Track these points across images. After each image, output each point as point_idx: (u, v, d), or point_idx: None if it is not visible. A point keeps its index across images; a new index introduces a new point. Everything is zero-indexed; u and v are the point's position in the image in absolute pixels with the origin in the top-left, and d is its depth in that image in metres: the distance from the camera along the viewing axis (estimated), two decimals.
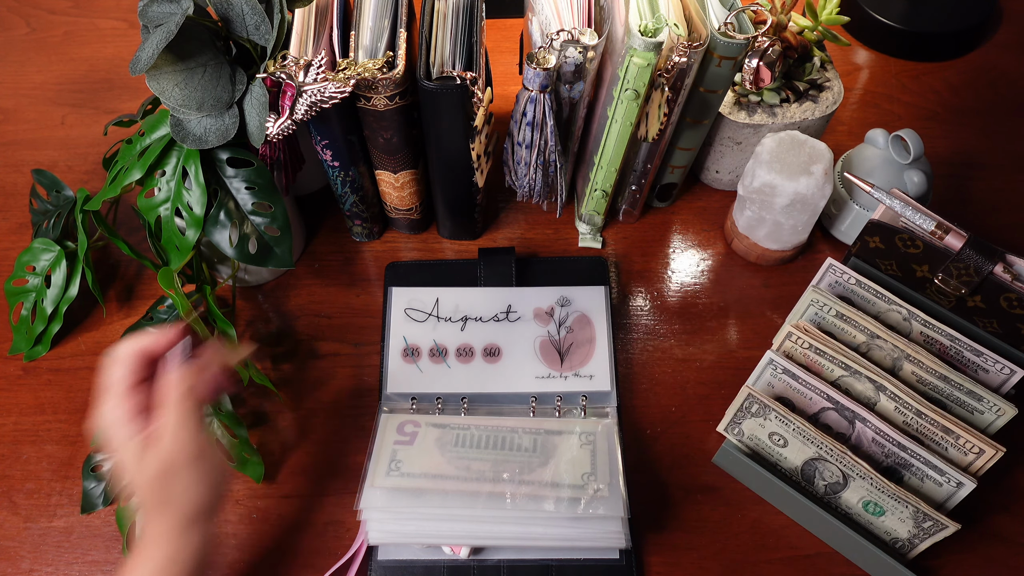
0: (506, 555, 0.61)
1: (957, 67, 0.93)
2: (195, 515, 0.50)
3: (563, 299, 0.72)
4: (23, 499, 0.65)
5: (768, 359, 0.60)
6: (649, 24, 0.57)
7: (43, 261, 0.71)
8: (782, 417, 0.59)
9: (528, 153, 0.64)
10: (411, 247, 0.79)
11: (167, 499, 0.50)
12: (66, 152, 0.86)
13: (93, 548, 0.63)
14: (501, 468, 0.60)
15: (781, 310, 0.74)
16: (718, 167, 0.80)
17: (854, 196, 0.73)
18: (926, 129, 0.87)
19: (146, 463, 0.49)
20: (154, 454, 0.49)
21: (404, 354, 0.70)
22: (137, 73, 0.55)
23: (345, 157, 0.67)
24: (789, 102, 0.74)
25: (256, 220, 0.63)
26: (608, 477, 0.59)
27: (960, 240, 0.61)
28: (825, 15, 0.73)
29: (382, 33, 0.62)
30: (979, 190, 0.82)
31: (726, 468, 0.66)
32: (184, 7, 0.55)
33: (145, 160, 0.62)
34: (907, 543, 0.59)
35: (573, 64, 0.60)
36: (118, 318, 0.74)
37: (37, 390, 0.71)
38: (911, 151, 0.69)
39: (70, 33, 0.97)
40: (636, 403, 0.69)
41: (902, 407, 0.58)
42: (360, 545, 0.60)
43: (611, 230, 0.80)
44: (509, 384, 0.68)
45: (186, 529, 0.50)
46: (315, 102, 0.58)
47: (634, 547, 0.61)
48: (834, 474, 0.59)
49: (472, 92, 0.60)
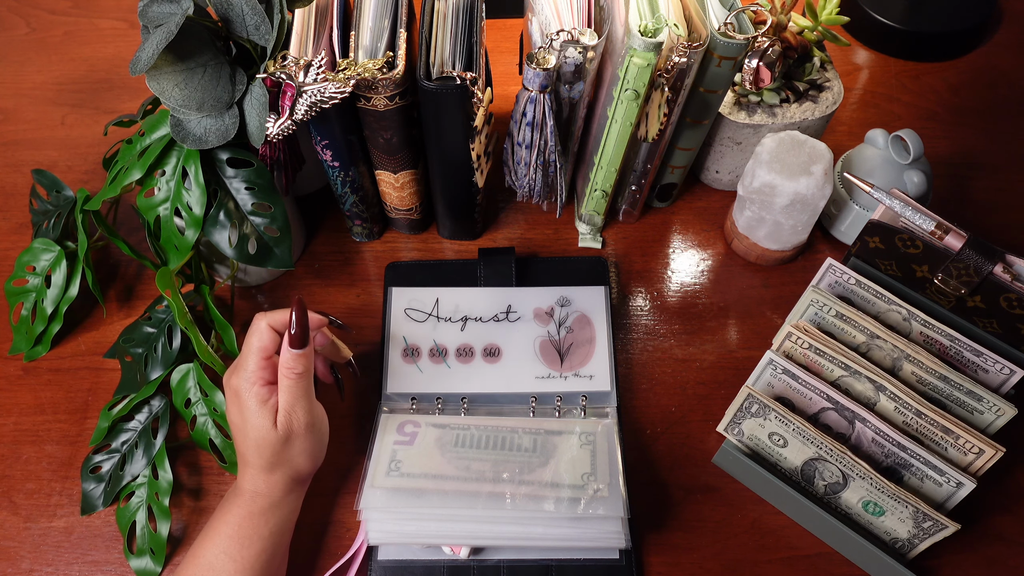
0: (506, 555, 0.61)
1: (957, 67, 0.93)
2: (299, 478, 0.59)
3: (563, 299, 0.72)
4: (23, 499, 0.65)
5: (768, 359, 0.60)
6: (649, 24, 0.57)
7: (43, 261, 0.71)
8: (782, 417, 0.59)
9: (528, 153, 0.64)
10: (411, 247, 0.79)
11: (280, 461, 0.57)
12: (66, 152, 0.86)
13: (93, 548, 0.63)
14: (501, 468, 0.60)
15: (781, 310, 0.74)
16: (718, 167, 0.80)
17: (854, 196, 0.73)
18: (926, 129, 0.87)
19: (266, 428, 0.56)
20: (276, 422, 0.56)
21: (404, 354, 0.70)
22: (137, 73, 0.55)
23: (345, 157, 0.67)
24: (789, 102, 0.74)
25: (256, 220, 0.63)
26: (608, 477, 0.59)
27: (960, 240, 0.61)
28: (825, 15, 0.73)
29: (382, 33, 0.62)
30: (979, 190, 0.82)
31: (726, 468, 0.66)
32: (184, 7, 0.55)
33: (145, 160, 0.62)
34: (907, 543, 0.59)
35: (573, 64, 0.60)
36: (118, 318, 0.74)
37: (37, 390, 0.71)
38: (911, 151, 0.69)
39: (70, 33, 0.97)
40: (636, 403, 0.69)
41: (902, 407, 0.58)
42: (360, 545, 0.60)
43: (611, 230, 0.80)
44: (509, 384, 0.68)
45: (291, 489, 0.58)
46: (315, 102, 0.58)
47: (634, 547, 0.61)
48: (834, 474, 0.59)
49: (472, 92, 0.60)
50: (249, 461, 0.57)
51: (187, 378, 0.65)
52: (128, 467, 0.64)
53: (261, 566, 0.55)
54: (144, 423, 0.66)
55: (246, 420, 0.56)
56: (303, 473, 0.59)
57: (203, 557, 0.55)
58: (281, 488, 0.57)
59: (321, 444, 0.59)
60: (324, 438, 0.60)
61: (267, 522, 0.56)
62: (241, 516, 0.56)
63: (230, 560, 0.55)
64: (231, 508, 0.56)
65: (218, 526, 0.56)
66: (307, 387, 0.57)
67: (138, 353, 0.67)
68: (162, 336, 0.67)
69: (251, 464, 0.57)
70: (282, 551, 0.58)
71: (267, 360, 0.57)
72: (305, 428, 0.57)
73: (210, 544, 0.55)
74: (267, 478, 0.57)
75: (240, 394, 0.57)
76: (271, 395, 0.57)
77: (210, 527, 0.56)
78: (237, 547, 0.55)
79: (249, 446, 0.56)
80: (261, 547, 0.56)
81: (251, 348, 0.58)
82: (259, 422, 0.56)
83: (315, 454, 0.59)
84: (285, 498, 0.58)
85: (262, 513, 0.56)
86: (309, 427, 0.57)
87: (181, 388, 0.65)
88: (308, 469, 0.59)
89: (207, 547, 0.55)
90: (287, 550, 0.60)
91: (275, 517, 0.57)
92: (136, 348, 0.67)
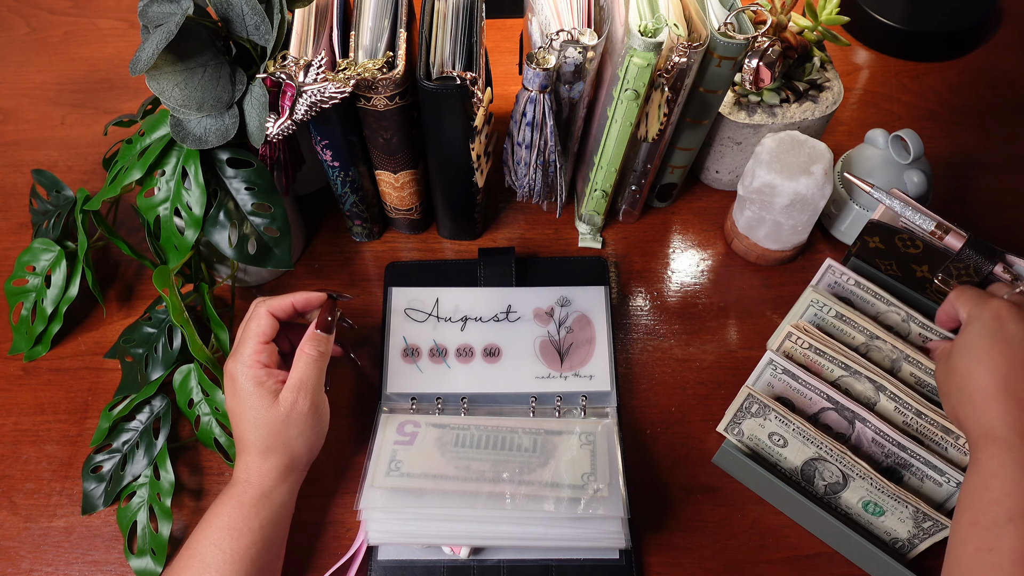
0: (506, 555, 0.61)
1: (957, 67, 0.93)
2: (294, 465, 0.58)
3: (563, 299, 0.72)
4: (23, 499, 0.65)
5: (768, 359, 0.60)
6: (649, 24, 0.57)
7: (43, 261, 0.71)
8: (782, 417, 0.59)
9: (528, 153, 0.64)
10: (411, 247, 0.79)
11: (276, 443, 0.57)
12: (66, 152, 0.86)
13: (93, 548, 0.63)
14: (501, 468, 0.60)
15: (781, 310, 0.74)
16: (718, 167, 0.80)
17: (854, 196, 0.73)
18: (926, 129, 0.87)
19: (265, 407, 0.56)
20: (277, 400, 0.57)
21: (404, 354, 0.70)
22: (137, 73, 0.55)
23: (345, 157, 0.67)
24: (789, 102, 0.74)
25: (256, 220, 0.63)
26: (608, 477, 0.59)
27: (960, 240, 0.61)
28: (825, 15, 0.73)
29: (382, 33, 0.62)
30: (979, 190, 0.82)
31: (726, 468, 0.66)
32: (184, 7, 0.55)
33: (145, 160, 0.62)
34: (907, 543, 0.59)
35: (573, 64, 0.60)
36: (118, 318, 0.74)
37: (37, 390, 0.71)
38: (911, 151, 0.69)
39: (70, 33, 0.97)
40: (636, 403, 0.69)
41: (902, 407, 0.58)
42: (360, 545, 0.60)
43: (611, 230, 0.80)
44: (509, 384, 0.68)
45: (283, 478, 0.58)
46: (315, 102, 0.58)
47: (634, 547, 0.61)
48: (834, 474, 0.59)
49: (472, 92, 0.60)
50: (246, 445, 0.57)
51: (189, 378, 0.65)
52: (129, 467, 0.64)
53: (252, 558, 0.55)
54: (145, 423, 0.66)
55: (243, 401, 0.57)
56: (299, 459, 0.58)
57: (195, 549, 0.55)
58: (274, 476, 0.57)
59: (320, 432, 0.60)
60: (324, 427, 0.60)
61: (258, 513, 0.56)
62: (232, 507, 0.56)
63: (220, 552, 0.54)
64: (224, 499, 0.57)
65: (211, 518, 0.56)
66: (320, 371, 0.59)
67: (139, 353, 0.67)
68: (163, 336, 0.67)
69: (248, 447, 0.57)
70: (275, 545, 0.58)
71: (264, 345, 0.59)
72: (308, 409, 0.57)
73: (202, 536, 0.55)
74: (261, 464, 0.57)
75: (236, 377, 0.57)
76: (268, 377, 0.57)
77: (204, 519, 0.57)
78: (227, 539, 0.55)
79: (247, 427, 0.57)
80: (252, 539, 0.55)
81: (249, 333, 0.59)
82: (257, 401, 0.56)
83: (313, 440, 0.59)
84: (277, 487, 0.57)
85: (252, 504, 0.56)
86: (313, 410, 0.58)
87: (184, 388, 0.65)
88: (304, 456, 0.59)
89: (199, 539, 0.55)
90: (282, 546, 0.59)
91: (266, 508, 0.57)
92: (137, 348, 0.67)
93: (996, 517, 0.45)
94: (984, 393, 0.49)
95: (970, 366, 0.50)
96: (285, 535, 0.59)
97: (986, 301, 0.52)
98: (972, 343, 0.51)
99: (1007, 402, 0.48)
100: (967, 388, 0.50)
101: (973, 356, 0.50)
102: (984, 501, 0.46)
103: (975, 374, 0.50)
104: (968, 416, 0.50)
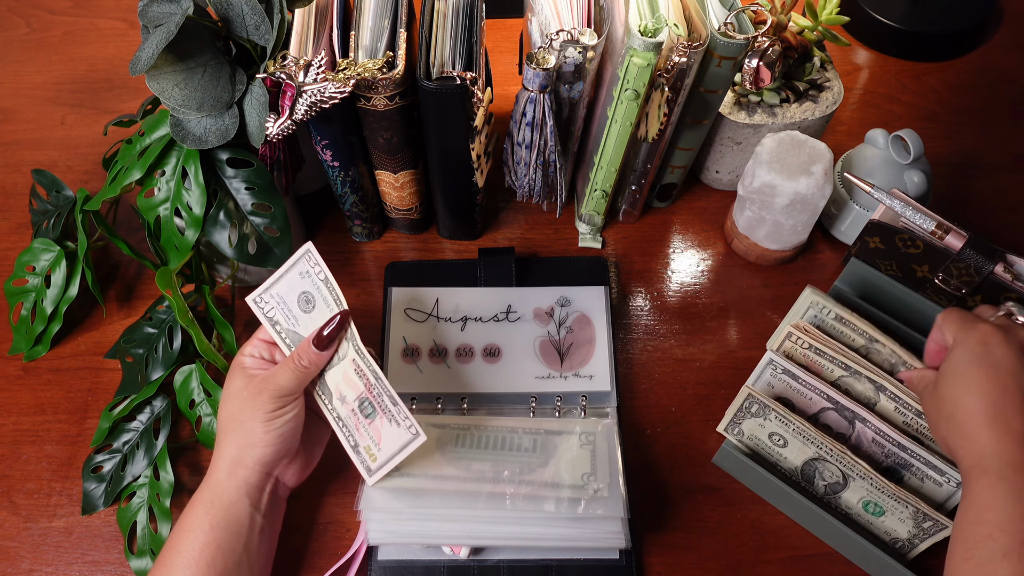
0: (506, 555, 0.61)
1: (957, 67, 0.93)
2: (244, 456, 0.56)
3: (563, 299, 0.72)
4: (23, 499, 0.65)
5: (768, 359, 0.60)
6: (649, 24, 0.57)
7: (43, 261, 0.71)
8: (782, 417, 0.59)
9: (528, 153, 0.64)
10: (411, 247, 0.79)
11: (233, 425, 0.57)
12: (66, 152, 0.86)
13: (93, 548, 0.63)
14: (501, 468, 0.60)
15: (781, 310, 0.74)
16: (718, 167, 0.80)
17: (854, 196, 0.73)
18: (926, 129, 0.87)
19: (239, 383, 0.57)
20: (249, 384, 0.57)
21: (404, 354, 0.70)
22: (137, 73, 0.55)
23: (345, 157, 0.67)
24: (789, 102, 0.74)
25: (256, 220, 0.63)
26: (608, 477, 0.59)
27: (960, 240, 0.61)
28: (825, 15, 0.73)
29: (382, 33, 0.62)
30: (979, 190, 0.82)
31: (726, 468, 0.66)
32: (184, 7, 0.55)
33: (145, 160, 0.62)
34: (907, 543, 0.59)
35: (573, 64, 0.60)
36: (118, 318, 0.74)
37: (37, 390, 0.71)
38: (911, 151, 0.69)
39: (70, 33, 0.97)
40: (636, 403, 0.69)
41: (902, 407, 0.58)
42: (360, 545, 0.60)
43: (611, 230, 0.80)
44: (509, 384, 0.68)
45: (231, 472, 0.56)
46: (315, 102, 0.58)
47: (634, 547, 0.61)
48: (834, 474, 0.59)
49: (472, 92, 0.60)
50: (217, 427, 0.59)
51: (190, 379, 0.65)
52: (129, 467, 0.64)
53: (207, 561, 0.53)
54: (146, 423, 0.66)
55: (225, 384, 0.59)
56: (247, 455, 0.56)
57: (163, 552, 0.55)
58: (221, 467, 0.56)
59: (284, 440, 0.56)
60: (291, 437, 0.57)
61: (207, 512, 0.55)
62: (190, 505, 0.56)
63: (177, 554, 0.54)
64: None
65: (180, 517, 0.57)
66: (300, 381, 0.57)
67: (139, 354, 0.67)
68: (163, 337, 0.67)
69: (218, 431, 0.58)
70: (234, 553, 0.54)
71: (263, 341, 0.60)
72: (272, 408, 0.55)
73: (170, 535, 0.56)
74: (217, 450, 0.57)
75: (232, 366, 0.59)
76: (254, 365, 0.59)
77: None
78: (183, 539, 0.54)
79: (220, 405, 0.58)
80: (204, 540, 0.54)
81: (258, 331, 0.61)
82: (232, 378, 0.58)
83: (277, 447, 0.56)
84: (225, 482, 0.55)
85: (202, 503, 0.56)
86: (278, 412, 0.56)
87: (185, 389, 0.65)
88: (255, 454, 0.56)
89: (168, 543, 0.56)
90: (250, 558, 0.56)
91: (216, 508, 0.55)
92: (137, 349, 0.67)
93: (991, 553, 0.44)
94: (974, 422, 0.48)
95: (958, 394, 0.49)
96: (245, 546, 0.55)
97: (972, 325, 0.50)
98: (958, 370, 0.49)
99: (998, 431, 0.47)
100: (957, 417, 0.49)
101: (960, 384, 0.49)
102: (979, 535, 0.46)
103: (963, 402, 0.48)
104: (959, 445, 0.49)
